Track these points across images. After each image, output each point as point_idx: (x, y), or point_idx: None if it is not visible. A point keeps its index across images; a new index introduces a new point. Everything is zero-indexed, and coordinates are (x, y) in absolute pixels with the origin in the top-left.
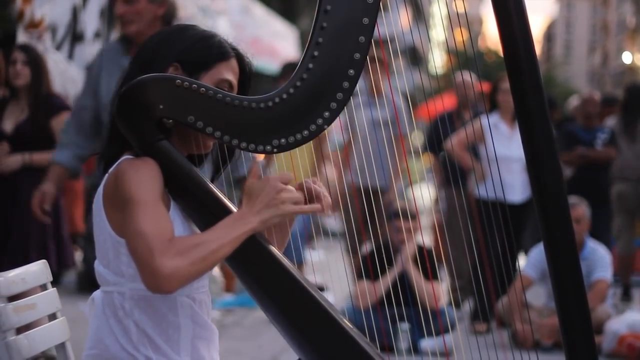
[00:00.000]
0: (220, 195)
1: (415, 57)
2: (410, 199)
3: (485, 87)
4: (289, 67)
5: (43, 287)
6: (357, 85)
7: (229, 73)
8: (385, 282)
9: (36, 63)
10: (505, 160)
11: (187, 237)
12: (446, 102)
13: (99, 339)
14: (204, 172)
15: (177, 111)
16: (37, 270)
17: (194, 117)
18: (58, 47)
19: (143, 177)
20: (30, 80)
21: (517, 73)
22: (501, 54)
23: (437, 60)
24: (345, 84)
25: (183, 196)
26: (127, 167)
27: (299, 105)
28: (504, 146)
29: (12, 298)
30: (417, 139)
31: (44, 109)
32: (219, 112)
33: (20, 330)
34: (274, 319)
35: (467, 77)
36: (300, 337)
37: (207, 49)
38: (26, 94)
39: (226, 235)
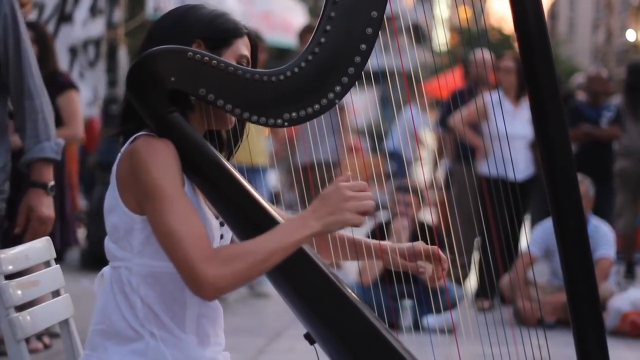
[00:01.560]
0: (231, 169)
1: (419, 35)
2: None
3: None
4: (307, 29)
5: (46, 264)
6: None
7: (245, 49)
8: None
9: (43, 41)
10: (509, 137)
11: (234, 246)
12: (456, 79)
13: (105, 314)
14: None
15: (189, 83)
16: (41, 247)
17: (205, 90)
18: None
19: (164, 163)
20: (37, 58)
21: (529, 50)
22: (504, 31)
23: (441, 38)
24: (357, 59)
25: (193, 170)
26: (144, 147)
27: (310, 79)
28: (508, 123)
29: (16, 275)
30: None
31: (50, 87)
32: (231, 85)
33: (23, 307)
34: (284, 292)
35: (481, 54)
36: (309, 311)
37: (225, 26)
38: None
39: (281, 241)
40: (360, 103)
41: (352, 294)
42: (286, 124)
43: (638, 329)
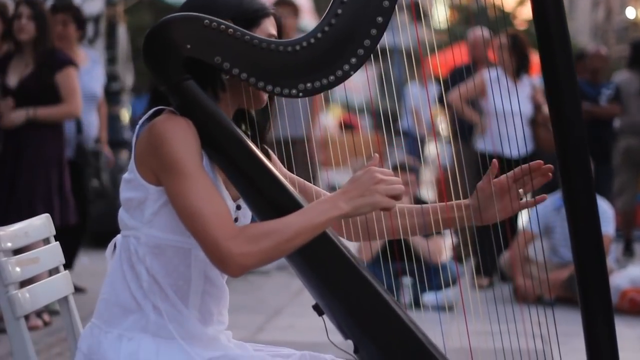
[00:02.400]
0: (244, 139)
1: (419, 12)
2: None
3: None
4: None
5: (46, 241)
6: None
7: (273, 28)
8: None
9: (41, 18)
10: (506, 114)
11: (260, 224)
12: (457, 56)
13: (112, 283)
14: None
15: (205, 51)
16: (40, 224)
17: (220, 58)
18: None
19: (184, 139)
20: (35, 35)
21: (546, 30)
22: (505, 8)
23: (441, 15)
24: (373, 31)
25: (208, 140)
26: (165, 122)
27: (325, 51)
28: (506, 100)
29: (15, 252)
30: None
31: (48, 64)
32: (247, 54)
33: (23, 284)
34: (294, 262)
35: (479, 32)
36: (320, 281)
37: (254, 6)
38: (31, 48)
39: (309, 221)
40: (359, 81)
41: (361, 263)
42: (301, 94)
43: (637, 307)
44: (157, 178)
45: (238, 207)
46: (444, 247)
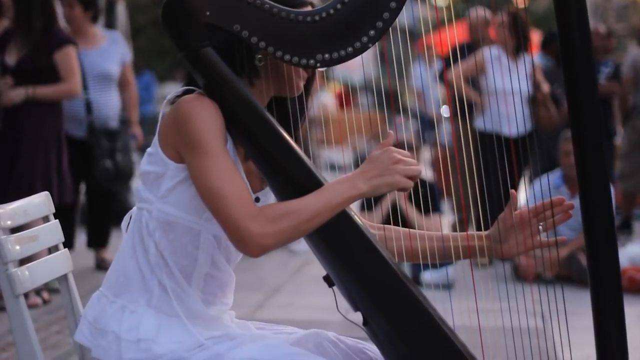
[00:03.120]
0: (264, 110)
1: None
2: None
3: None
4: None
5: (45, 219)
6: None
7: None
8: (378, 213)
9: None
10: (505, 93)
11: (280, 204)
12: (458, 34)
13: (122, 254)
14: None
15: (224, 19)
16: (40, 202)
17: (239, 26)
18: None
19: (209, 120)
20: (16, 15)
21: (565, 6)
22: None
23: None
24: (393, 4)
25: (226, 110)
26: (191, 101)
27: (345, 22)
28: (505, 79)
29: (15, 230)
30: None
31: (48, 43)
32: (266, 23)
33: (22, 262)
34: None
35: (481, 11)
36: (332, 252)
37: None
38: (23, 28)
39: (328, 202)
40: (358, 58)
41: (373, 236)
42: (318, 64)
43: (636, 285)
44: (178, 155)
45: (257, 200)
46: (442, 225)
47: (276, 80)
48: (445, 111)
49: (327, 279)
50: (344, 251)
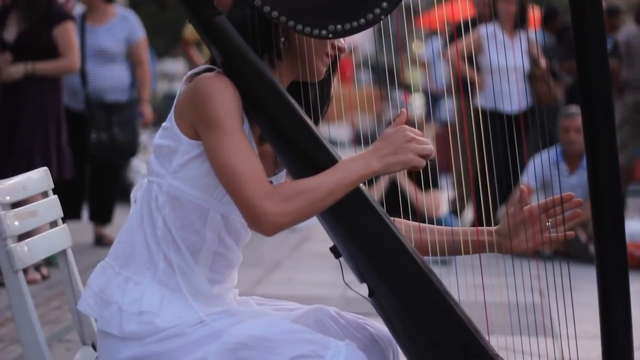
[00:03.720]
0: (277, 82)
1: None
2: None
3: None
4: None
5: (44, 195)
6: None
7: None
8: (377, 189)
9: None
10: (503, 70)
11: (294, 183)
12: (457, 11)
13: (129, 225)
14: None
15: None
16: (38, 177)
17: None
18: None
19: (227, 99)
20: None
21: None
22: None
23: None
24: None
25: (238, 78)
26: (211, 79)
27: None
28: (503, 55)
29: (13, 205)
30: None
31: (46, 18)
32: None
33: (21, 237)
34: None
35: None
36: (339, 223)
37: None
38: (24, 3)
39: (342, 180)
40: (357, 35)
41: (384, 212)
42: (330, 35)
43: (634, 261)
44: (194, 131)
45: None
46: (441, 201)
47: (297, 64)
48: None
49: (334, 250)
50: (353, 222)
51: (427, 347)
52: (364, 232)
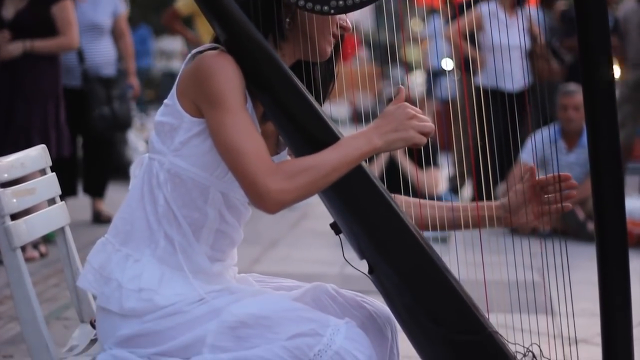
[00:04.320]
0: (280, 60)
1: None
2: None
3: None
4: None
5: (42, 172)
6: None
7: None
8: (377, 167)
9: None
10: (503, 49)
11: (297, 160)
12: None
13: (130, 202)
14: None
15: None
16: (36, 155)
17: None
18: None
19: (230, 77)
20: None
21: None
22: None
23: None
24: None
25: (242, 59)
26: (214, 57)
27: None
28: (503, 34)
29: (11, 183)
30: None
31: None
32: None
33: (19, 215)
34: None
35: None
36: (340, 199)
37: None
38: None
39: (344, 157)
40: (356, 12)
41: (385, 189)
42: (332, 11)
43: (632, 239)
44: (196, 109)
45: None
46: (440, 178)
47: (303, 43)
48: (448, 64)
49: (334, 226)
50: (353, 199)
51: (427, 324)
52: (364, 208)
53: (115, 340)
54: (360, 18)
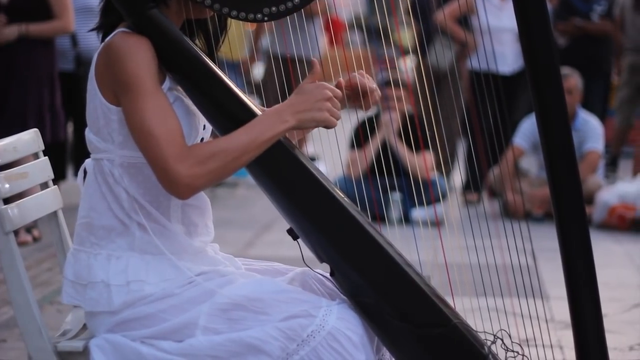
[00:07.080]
0: (210, 63)
1: None
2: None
3: None
4: None
5: (35, 156)
6: None
7: None
8: (371, 149)
9: None
10: (496, 31)
11: (208, 144)
12: None
13: (91, 206)
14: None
15: None
16: (29, 139)
17: None
18: None
19: (141, 59)
20: None
21: None
22: None
23: None
24: None
25: (172, 66)
26: (122, 41)
27: None
28: (495, 17)
29: (4, 167)
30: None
31: None
32: None
33: (12, 199)
34: (265, 187)
35: None
36: (290, 204)
37: None
38: None
39: (256, 137)
40: None
41: (333, 186)
42: (266, 18)
43: (625, 223)
44: (117, 98)
45: (204, 127)
46: (433, 162)
47: (187, 4)
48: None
49: (290, 232)
50: (302, 203)
51: (393, 321)
52: (315, 212)
53: (107, 326)
54: (352, 1)
